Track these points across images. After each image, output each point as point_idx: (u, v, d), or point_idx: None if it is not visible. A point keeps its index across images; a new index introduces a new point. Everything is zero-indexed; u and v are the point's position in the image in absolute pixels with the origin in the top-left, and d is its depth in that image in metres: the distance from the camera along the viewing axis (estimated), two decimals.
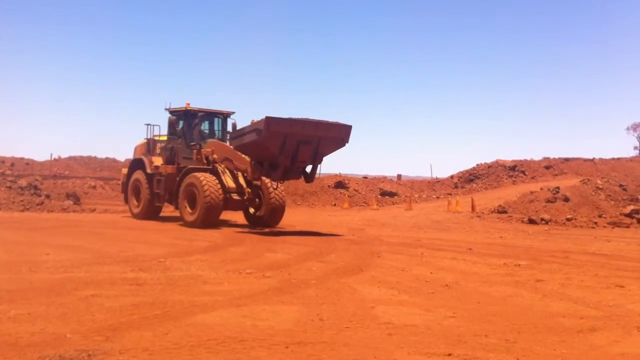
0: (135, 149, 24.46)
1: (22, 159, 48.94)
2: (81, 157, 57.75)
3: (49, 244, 14.05)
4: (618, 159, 52.68)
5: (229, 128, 22.78)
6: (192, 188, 19.45)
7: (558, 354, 6.20)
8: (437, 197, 42.51)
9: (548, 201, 28.40)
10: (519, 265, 12.68)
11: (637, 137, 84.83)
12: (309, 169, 19.15)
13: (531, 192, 30.61)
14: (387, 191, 42.68)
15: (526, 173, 47.34)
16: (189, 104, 21.87)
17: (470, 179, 47.36)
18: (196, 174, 19.65)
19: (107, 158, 58.17)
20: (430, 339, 6.62)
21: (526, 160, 50.33)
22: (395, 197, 41.94)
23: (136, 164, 23.58)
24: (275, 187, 20.30)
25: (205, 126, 23.04)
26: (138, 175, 22.96)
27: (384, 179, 48.37)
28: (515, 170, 47.45)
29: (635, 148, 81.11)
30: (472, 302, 8.77)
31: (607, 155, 56.90)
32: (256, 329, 6.73)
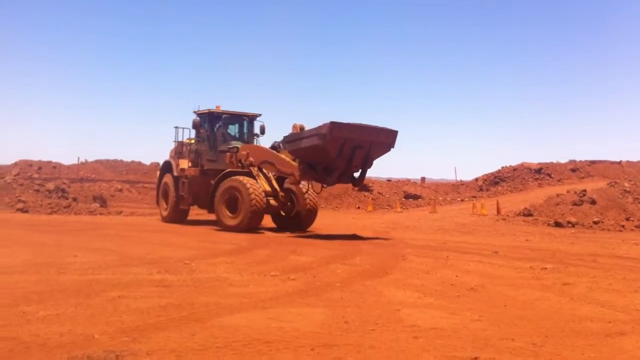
0: (170, 152, 24.43)
1: (49, 162, 49.51)
2: (107, 160, 58.32)
3: (76, 246, 14.24)
4: None
5: (257, 130, 22.97)
6: (234, 192, 19.13)
7: (586, 358, 6.13)
8: (462, 200, 42.23)
9: (574, 204, 28.07)
10: (546, 268, 12.55)
11: None
12: (356, 173, 19.18)
13: (557, 195, 30.26)
14: (411, 194, 42.52)
15: (552, 176, 46.87)
16: (219, 107, 21.95)
17: (495, 181, 46.99)
18: (239, 177, 19.37)
19: (133, 161, 58.70)
20: (457, 342, 6.58)
21: (552, 163, 49.85)
22: (420, 199, 41.76)
23: (166, 167, 23.72)
24: (307, 190, 20.32)
25: (232, 129, 23.07)
26: (167, 178, 23.13)
27: (407, 182, 48.20)
28: (541, 173, 47.00)
29: None
30: (499, 305, 8.71)
31: (635, 157, 56.14)
32: (281, 331, 6.75)
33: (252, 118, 22.92)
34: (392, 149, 18.74)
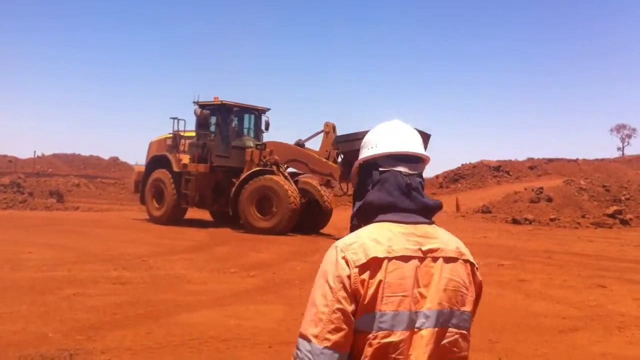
0: (151, 145, 22.40)
1: (5, 156, 48.54)
2: (65, 154, 57.30)
3: (31, 242, 13.94)
4: (602, 159, 53.13)
5: (262, 126, 21.45)
6: (267, 192, 17.99)
7: (540, 354, 6.25)
8: None
9: (532, 201, 28.59)
10: (503, 265, 12.75)
11: (620, 138, 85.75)
12: None
13: (515, 193, 30.80)
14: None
15: (510, 173, 47.60)
16: (217, 98, 20.33)
17: (455, 179, 47.52)
18: (273, 177, 18.18)
19: (91, 156, 57.80)
20: None
21: (510, 160, 50.63)
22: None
23: (157, 162, 21.16)
24: (324, 191, 19.73)
25: (241, 123, 21.57)
26: (160, 174, 20.67)
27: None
28: (499, 170, 47.69)
29: (619, 149, 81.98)
30: None
31: (591, 156, 57.43)
32: (240, 329, 6.72)
33: (261, 112, 21.36)
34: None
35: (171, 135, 21.10)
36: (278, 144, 19.51)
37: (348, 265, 1.85)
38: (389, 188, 1.98)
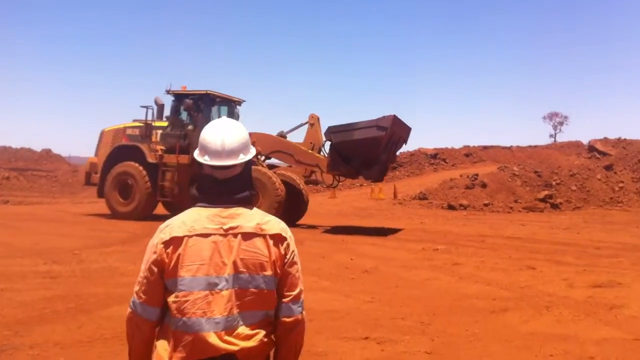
0: (104, 134, 20.69)
1: None
2: None
3: None
4: (534, 146, 54.62)
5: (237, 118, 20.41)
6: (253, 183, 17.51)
7: (471, 334, 6.39)
8: (361, 185, 42.96)
9: (467, 187, 29.18)
10: (437, 249, 12.99)
11: (552, 126, 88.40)
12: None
13: (451, 179, 31.35)
14: (311, 180, 42.76)
15: (447, 161, 48.43)
16: (185, 87, 19.46)
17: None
18: (256, 167, 17.44)
19: (22, 148, 55.87)
20: (349, 324, 6.70)
21: (447, 148, 51.52)
22: (320, 185, 42.11)
23: (123, 153, 19.69)
24: (301, 182, 19.43)
25: (222, 114, 19.98)
26: (127, 167, 19.36)
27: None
28: (436, 158, 48.45)
29: (551, 136, 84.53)
30: (391, 286, 8.93)
31: (524, 143, 58.97)
32: None
33: (238, 104, 20.53)
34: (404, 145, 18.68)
35: (133, 124, 20.01)
36: (262, 135, 18.86)
37: (158, 242, 2.46)
38: (206, 183, 2.59)
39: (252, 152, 2.67)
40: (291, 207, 18.19)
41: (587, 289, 8.91)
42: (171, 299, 2.41)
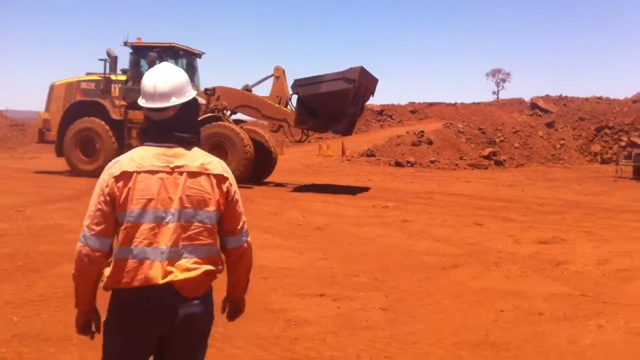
0: (54, 88, 19.68)
1: None
2: None
3: None
4: (478, 103, 55.35)
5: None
6: (220, 139, 16.69)
7: (424, 290, 6.51)
8: (309, 142, 42.92)
9: (413, 144, 29.48)
10: (387, 206, 13.13)
11: (495, 83, 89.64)
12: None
13: (398, 136, 31.59)
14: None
15: (393, 117, 48.64)
16: (140, 39, 18.48)
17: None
18: (224, 123, 17.11)
19: None
20: (303, 281, 6.74)
21: (393, 104, 51.71)
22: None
23: (82, 108, 18.67)
24: (270, 137, 18.97)
25: (187, 67, 19.10)
26: (90, 123, 18.40)
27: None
28: (383, 114, 48.65)
29: (494, 93, 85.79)
30: (344, 243, 9.00)
31: (468, 100, 59.80)
32: None
33: (198, 56, 19.64)
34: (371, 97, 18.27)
35: (87, 78, 19.11)
36: (227, 89, 18.27)
37: (109, 177, 2.60)
38: (148, 124, 2.77)
39: (189, 96, 2.79)
40: (259, 165, 17.80)
41: (533, 245, 9.18)
42: (121, 229, 2.59)
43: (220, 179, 2.73)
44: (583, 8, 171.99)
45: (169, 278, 2.55)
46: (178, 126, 2.73)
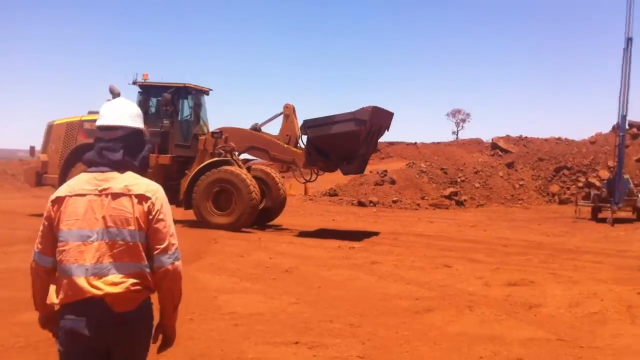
0: (53, 128, 18.47)
1: None
2: None
3: None
4: (438, 143, 56.10)
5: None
6: (225, 185, 16.02)
7: (400, 336, 6.39)
8: None
9: (376, 184, 29.57)
10: (354, 247, 13.03)
11: (455, 123, 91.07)
12: None
13: (361, 176, 31.63)
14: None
15: None
16: (147, 76, 17.67)
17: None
18: (230, 168, 16.28)
19: None
20: (277, 327, 6.55)
21: None
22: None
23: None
24: (279, 180, 18.35)
25: (198, 107, 18.73)
26: None
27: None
28: None
29: (453, 133, 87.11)
30: (314, 287, 8.84)
31: (428, 139, 60.56)
32: None
33: (205, 93, 18.91)
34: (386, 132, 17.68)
35: (91, 117, 17.45)
36: (234, 130, 17.49)
37: (48, 202, 2.98)
38: (94, 150, 3.07)
39: (138, 125, 3.17)
40: (266, 206, 17.37)
41: (504, 287, 9.15)
42: (57, 249, 2.90)
43: (142, 198, 2.94)
44: (541, 51, 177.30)
45: (95, 292, 2.79)
46: (121, 148, 3.03)
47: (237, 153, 17.29)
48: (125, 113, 3.13)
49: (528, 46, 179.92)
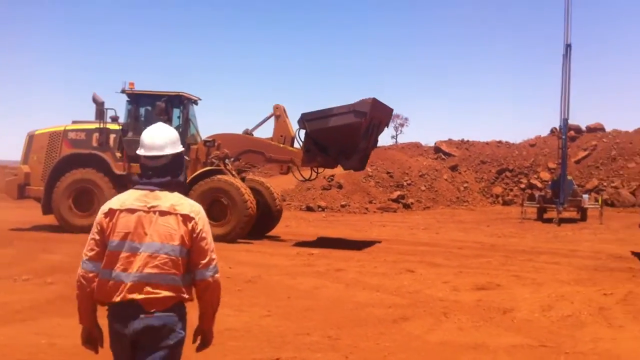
0: (34, 139, 17.48)
1: None
2: None
3: None
4: (378, 147, 56.51)
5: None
6: (218, 195, 15.36)
7: (383, 348, 6.16)
8: None
9: (324, 189, 29.43)
10: (312, 254, 12.78)
11: (394, 127, 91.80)
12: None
13: (307, 181, 31.39)
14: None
15: None
16: (133, 85, 16.78)
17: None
18: (224, 177, 15.64)
19: None
20: (253, 343, 6.24)
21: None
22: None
23: (74, 162, 16.67)
24: (274, 190, 17.69)
25: (189, 116, 17.83)
26: (89, 174, 16.43)
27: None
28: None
29: (393, 137, 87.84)
30: (282, 297, 8.54)
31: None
32: (54, 349, 5.85)
33: (195, 102, 18.16)
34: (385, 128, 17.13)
35: (75, 127, 17.15)
36: (227, 136, 16.93)
37: (101, 213, 3.28)
38: (142, 170, 3.38)
39: (179, 148, 3.46)
40: (261, 218, 16.56)
41: (472, 292, 9.08)
42: (105, 255, 3.19)
43: (187, 218, 3.24)
44: (480, 55, 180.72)
45: (134, 296, 3.09)
46: (167, 173, 3.34)
47: (231, 160, 16.69)
48: (167, 141, 3.40)
49: (466, 51, 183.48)
